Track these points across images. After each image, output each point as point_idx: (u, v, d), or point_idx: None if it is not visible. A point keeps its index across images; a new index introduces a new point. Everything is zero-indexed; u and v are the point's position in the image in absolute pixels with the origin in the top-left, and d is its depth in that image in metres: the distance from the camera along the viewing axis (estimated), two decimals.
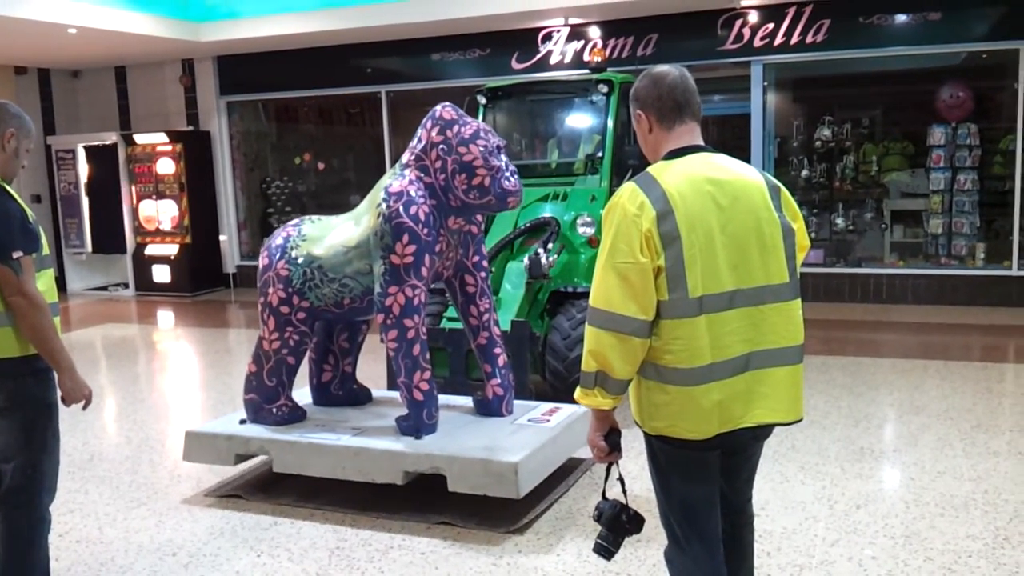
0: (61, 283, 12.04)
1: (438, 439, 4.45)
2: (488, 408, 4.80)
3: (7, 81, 12.40)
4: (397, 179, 4.45)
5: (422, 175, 4.45)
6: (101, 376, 7.89)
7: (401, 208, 4.32)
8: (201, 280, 12.58)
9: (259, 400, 4.84)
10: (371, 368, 6.45)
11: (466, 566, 3.90)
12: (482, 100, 7.20)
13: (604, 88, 6.71)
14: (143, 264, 12.63)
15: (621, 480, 2.70)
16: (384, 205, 4.37)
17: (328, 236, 4.70)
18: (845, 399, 6.23)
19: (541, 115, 7.94)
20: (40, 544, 3.33)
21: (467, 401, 5.01)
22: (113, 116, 13.33)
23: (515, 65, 10.85)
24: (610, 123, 6.66)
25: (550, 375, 5.73)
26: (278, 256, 4.75)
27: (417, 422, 4.48)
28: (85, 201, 12.92)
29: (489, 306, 4.76)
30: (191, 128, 12.80)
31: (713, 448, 2.48)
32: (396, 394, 4.80)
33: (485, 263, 4.79)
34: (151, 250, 12.59)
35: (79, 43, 10.60)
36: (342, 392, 5.14)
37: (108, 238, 12.86)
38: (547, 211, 6.39)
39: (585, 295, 5.75)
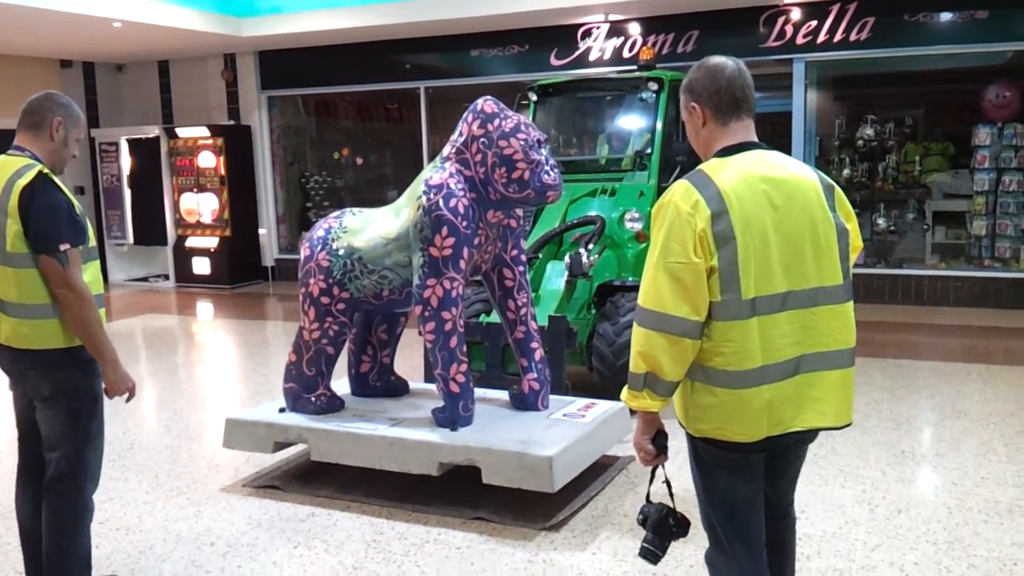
0: (103, 274, 12.24)
1: (473, 432, 4.47)
2: (524, 402, 4.80)
3: (52, 74, 12.59)
4: (437, 172, 4.48)
5: (462, 168, 4.46)
6: (141, 366, 8.00)
7: (441, 201, 4.35)
8: (240, 273, 12.73)
9: (298, 389, 4.90)
10: (409, 360, 6.46)
11: (501, 562, 3.90)
12: (532, 97, 7.27)
13: (654, 86, 6.76)
14: (183, 256, 12.80)
15: (667, 483, 2.66)
16: (424, 198, 4.40)
17: (368, 228, 4.73)
18: (886, 402, 6.14)
19: (591, 112, 7.98)
20: (83, 531, 3.37)
21: (503, 395, 5.01)
22: (156, 110, 13.51)
23: (554, 61, 10.82)
24: (659, 120, 6.71)
25: (596, 359, 5.75)
26: (319, 247, 4.80)
27: (453, 414, 4.50)
28: (127, 193, 13.12)
29: (527, 300, 4.77)
30: (232, 122, 12.94)
31: (759, 450, 2.43)
32: (433, 386, 4.83)
33: (523, 257, 4.79)
34: (191, 242, 12.75)
35: (123, 37, 10.75)
36: (380, 383, 5.18)
37: (149, 230, 13.06)
38: (595, 207, 6.45)
39: (632, 288, 5.78)
